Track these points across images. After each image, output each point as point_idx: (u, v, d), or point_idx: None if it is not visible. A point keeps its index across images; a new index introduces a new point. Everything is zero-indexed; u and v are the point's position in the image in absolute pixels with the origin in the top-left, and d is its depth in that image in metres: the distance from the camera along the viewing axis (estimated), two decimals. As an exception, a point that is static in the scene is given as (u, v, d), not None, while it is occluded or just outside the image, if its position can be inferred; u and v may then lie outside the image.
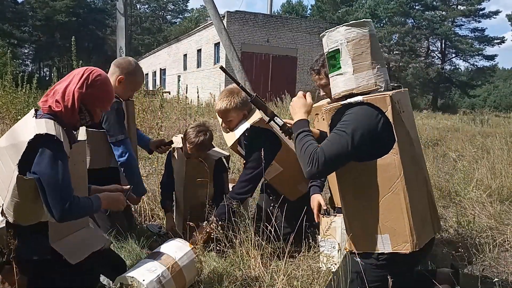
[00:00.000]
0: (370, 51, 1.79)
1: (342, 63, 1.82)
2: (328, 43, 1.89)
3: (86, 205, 1.82)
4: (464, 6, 35.32)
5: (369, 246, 1.81)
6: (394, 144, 1.71)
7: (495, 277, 2.38)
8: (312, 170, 1.75)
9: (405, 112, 1.81)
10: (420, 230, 1.75)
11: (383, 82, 1.82)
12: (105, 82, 1.94)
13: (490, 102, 41.71)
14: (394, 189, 1.72)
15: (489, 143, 6.53)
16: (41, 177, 1.69)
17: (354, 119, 1.73)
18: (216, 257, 2.47)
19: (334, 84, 1.89)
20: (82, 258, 1.89)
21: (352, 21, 1.85)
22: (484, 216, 3.34)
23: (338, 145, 1.72)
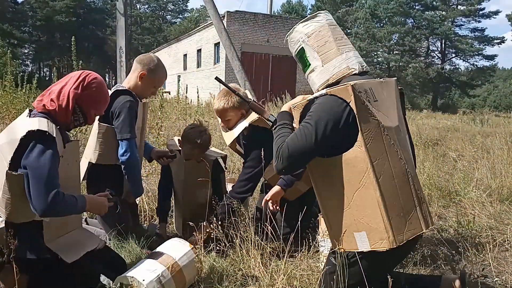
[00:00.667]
0: (333, 39, 1.75)
1: (310, 59, 1.79)
2: (291, 46, 1.86)
3: (70, 202, 1.80)
4: (464, 6, 35.33)
5: (349, 245, 1.74)
6: (358, 136, 1.63)
7: (495, 277, 2.38)
8: (278, 165, 1.72)
9: (379, 101, 1.72)
10: (398, 224, 1.65)
11: (355, 65, 1.76)
12: (101, 86, 1.97)
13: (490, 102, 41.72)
14: (364, 183, 1.64)
15: (489, 143, 6.53)
16: (28, 171, 1.70)
17: (318, 110, 1.68)
18: (216, 257, 2.47)
19: (311, 82, 1.84)
20: (77, 257, 1.90)
21: (307, 17, 1.84)
22: (484, 215, 3.34)
23: (302, 138, 1.67)
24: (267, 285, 2.09)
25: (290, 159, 1.68)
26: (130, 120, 2.51)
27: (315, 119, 1.67)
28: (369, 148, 1.64)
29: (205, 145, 2.81)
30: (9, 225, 1.81)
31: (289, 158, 1.68)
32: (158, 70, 2.71)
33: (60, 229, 1.97)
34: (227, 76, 21.61)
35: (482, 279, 2.38)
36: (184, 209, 2.90)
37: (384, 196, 1.64)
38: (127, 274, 1.95)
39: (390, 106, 1.81)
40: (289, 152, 1.68)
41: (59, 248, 1.90)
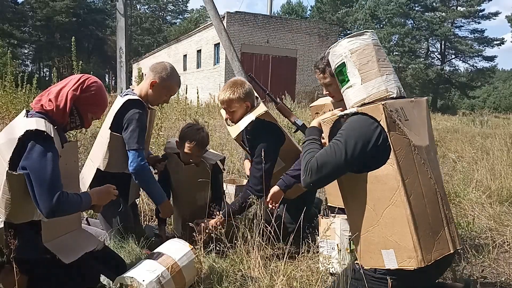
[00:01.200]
0: (376, 59, 1.77)
1: (350, 75, 1.79)
2: (333, 59, 1.87)
3: (74, 200, 1.82)
4: (464, 7, 35.40)
5: (375, 262, 1.74)
6: (390, 154, 1.65)
7: (494, 278, 2.38)
8: (306, 179, 1.74)
9: (410, 120, 1.74)
10: (427, 244, 1.65)
11: (394, 88, 1.78)
12: (100, 90, 1.99)
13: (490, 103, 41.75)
14: (394, 201, 1.65)
15: (488, 144, 6.53)
16: (29, 172, 1.71)
17: (349, 129, 1.71)
18: (216, 257, 2.47)
19: (346, 98, 1.84)
20: (76, 258, 1.90)
21: (353, 33, 1.84)
22: (483, 217, 3.34)
23: (332, 154, 1.70)
24: (266, 286, 2.09)
25: (319, 174, 1.71)
26: (139, 132, 2.52)
27: (346, 137, 1.69)
28: (401, 166, 1.65)
29: (204, 143, 2.79)
30: (8, 225, 1.81)
31: (317, 173, 1.71)
32: (171, 78, 2.70)
33: (59, 229, 1.97)
34: (227, 77, 21.61)
35: (482, 280, 2.38)
36: (183, 211, 2.90)
37: (414, 214, 1.64)
38: (127, 274, 1.95)
39: (421, 125, 1.83)
40: (318, 167, 1.70)
41: (58, 248, 1.90)
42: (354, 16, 39.38)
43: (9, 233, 1.71)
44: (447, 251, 1.70)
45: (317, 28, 24.53)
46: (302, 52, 23.55)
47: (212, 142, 6.05)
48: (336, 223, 2.36)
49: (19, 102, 7.21)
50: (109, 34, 51.07)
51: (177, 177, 2.84)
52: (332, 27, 26.17)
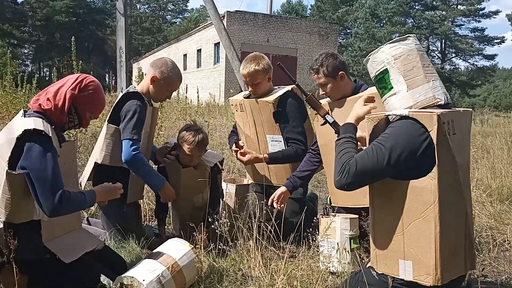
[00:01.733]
0: (421, 65, 1.69)
1: (393, 83, 1.71)
2: (373, 66, 1.79)
3: (77, 198, 1.83)
4: (464, 6, 35.34)
5: (390, 269, 1.70)
6: (433, 168, 1.57)
7: (495, 277, 2.38)
8: (341, 180, 1.65)
9: (457, 134, 1.66)
10: (448, 264, 1.62)
11: (442, 95, 1.70)
12: (98, 89, 2.00)
13: (490, 101, 41.71)
14: (425, 215, 1.59)
15: (489, 142, 6.53)
16: (30, 172, 1.71)
17: (396, 134, 1.61)
18: (216, 256, 2.47)
19: (389, 106, 1.75)
20: (76, 257, 1.90)
21: (395, 38, 1.80)
22: (484, 215, 3.34)
23: (374, 158, 1.61)
24: (267, 285, 2.09)
25: (356, 177, 1.62)
26: (135, 122, 2.49)
27: (391, 143, 1.60)
28: (441, 182, 1.58)
29: (203, 144, 2.77)
30: (7, 225, 1.81)
31: (355, 176, 1.62)
32: (171, 73, 2.67)
33: (59, 229, 1.97)
34: (227, 76, 21.61)
35: (482, 279, 2.38)
36: (181, 212, 2.89)
37: (442, 233, 1.59)
38: (127, 274, 1.95)
39: (465, 141, 1.78)
40: (357, 170, 1.61)
41: (57, 247, 1.90)
42: (354, 15, 39.33)
43: (9, 233, 1.72)
44: (462, 272, 1.69)
45: (317, 27, 24.51)
46: (302, 51, 23.53)
47: (212, 141, 6.05)
48: (337, 222, 2.36)
49: (19, 102, 7.21)
50: (109, 34, 51.05)
51: (176, 179, 2.79)
52: (332, 26, 26.15)
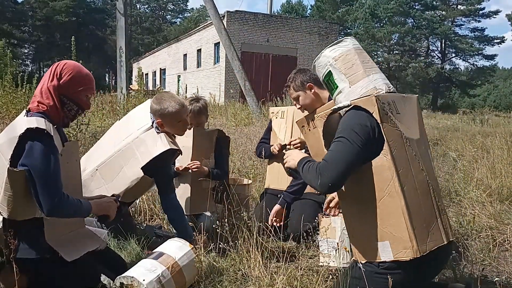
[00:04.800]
0: (359, 61, 1.81)
1: (338, 82, 1.83)
2: (319, 70, 1.91)
3: (75, 203, 1.85)
4: (464, 5, 35.36)
5: (370, 255, 1.74)
6: (384, 145, 1.67)
7: (495, 277, 2.38)
8: (323, 181, 1.67)
9: (401, 114, 1.78)
10: (422, 234, 1.66)
11: (382, 85, 1.80)
12: (75, 68, 1.94)
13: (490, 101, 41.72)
14: (388, 191, 1.66)
15: (489, 142, 6.52)
16: (31, 170, 1.72)
17: (347, 124, 1.72)
18: (216, 256, 2.47)
19: (337, 103, 1.86)
20: (78, 256, 1.91)
21: (334, 42, 1.90)
22: (484, 215, 3.34)
23: (339, 150, 1.68)
24: (267, 285, 2.09)
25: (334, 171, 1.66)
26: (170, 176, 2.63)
27: (347, 131, 1.69)
28: (394, 157, 1.66)
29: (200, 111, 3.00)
30: (9, 224, 1.82)
31: (331, 170, 1.66)
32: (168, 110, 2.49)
33: (62, 227, 1.97)
34: (227, 76, 21.61)
35: (483, 279, 2.38)
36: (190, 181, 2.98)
37: (408, 205, 1.65)
38: (127, 274, 1.95)
39: (412, 119, 1.86)
40: (330, 164, 1.67)
41: (60, 245, 1.90)
42: (354, 15, 39.34)
43: (9, 233, 1.72)
44: (441, 242, 1.72)
45: (317, 27, 24.51)
46: (302, 51, 23.53)
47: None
48: (337, 222, 2.36)
49: (19, 102, 7.22)
50: (109, 34, 51.04)
51: (187, 140, 2.96)
52: (332, 26, 26.16)
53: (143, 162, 2.45)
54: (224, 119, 11.10)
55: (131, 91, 13.62)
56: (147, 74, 36.48)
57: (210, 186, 2.97)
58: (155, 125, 2.50)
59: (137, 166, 2.48)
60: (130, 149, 2.55)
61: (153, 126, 2.52)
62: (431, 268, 1.78)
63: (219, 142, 3.09)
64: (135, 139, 2.54)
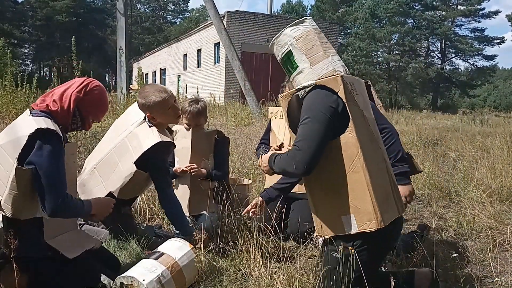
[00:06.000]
0: (319, 43, 1.84)
1: (298, 61, 1.85)
2: (278, 49, 1.91)
3: (77, 205, 1.88)
4: (464, 6, 35.36)
5: (336, 228, 1.79)
6: (350, 122, 1.71)
7: (495, 277, 2.38)
8: (298, 166, 1.69)
9: (359, 95, 1.85)
10: (383, 206, 1.74)
11: (340, 68, 1.84)
12: (103, 93, 2.04)
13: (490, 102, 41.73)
14: (354, 167, 1.72)
15: (489, 143, 6.53)
16: (39, 170, 1.74)
17: (312, 103, 1.74)
18: (216, 256, 2.47)
19: (297, 83, 1.88)
20: (78, 253, 1.94)
21: (295, 21, 1.90)
22: (484, 216, 3.34)
23: (307, 131, 1.70)
24: (267, 285, 2.09)
25: (307, 152, 1.68)
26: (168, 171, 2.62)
27: (313, 112, 1.72)
28: (358, 134, 1.72)
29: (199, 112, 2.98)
30: (9, 223, 1.82)
31: (305, 152, 1.68)
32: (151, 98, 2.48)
33: (57, 228, 1.99)
34: (227, 76, 21.61)
35: (482, 279, 2.38)
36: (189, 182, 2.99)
37: (372, 179, 1.72)
38: (128, 274, 1.95)
39: (366, 102, 1.95)
40: (302, 148, 1.69)
41: (60, 245, 1.92)
42: (354, 15, 39.33)
43: (9, 233, 1.72)
44: (397, 214, 1.82)
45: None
46: (302, 51, 23.50)
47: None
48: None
49: (19, 102, 7.22)
50: (109, 34, 51.05)
51: (186, 141, 2.97)
52: (332, 26, 26.17)
53: (135, 156, 2.45)
54: (224, 119, 11.10)
55: (131, 91, 13.61)
56: (147, 74, 36.49)
57: (210, 187, 2.97)
58: (147, 119, 2.51)
59: (130, 161, 2.47)
60: (124, 145, 2.55)
61: (145, 120, 2.53)
62: (390, 239, 1.85)
63: (218, 143, 3.09)
64: (128, 134, 2.56)
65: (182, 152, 3.02)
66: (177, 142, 3.06)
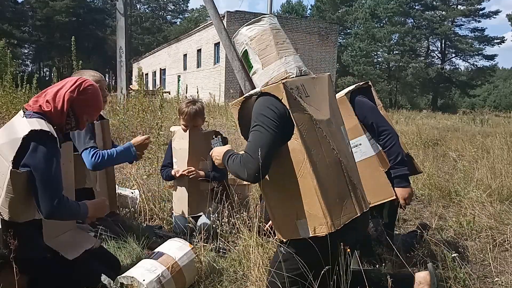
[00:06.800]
0: (274, 43, 1.84)
1: (252, 62, 1.88)
2: (238, 48, 1.94)
3: (74, 207, 1.87)
4: (464, 6, 35.35)
5: (291, 233, 1.81)
6: (294, 129, 1.72)
7: (495, 277, 2.38)
8: (249, 172, 1.71)
9: (311, 96, 1.83)
10: (335, 210, 1.75)
11: (294, 69, 1.84)
12: (96, 93, 2.01)
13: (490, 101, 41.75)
14: (301, 173, 1.73)
15: (489, 142, 6.53)
16: (34, 172, 1.73)
17: (258, 110, 1.76)
18: (216, 256, 2.47)
19: (254, 83, 1.91)
20: (78, 254, 1.93)
21: (252, 20, 1.89)
22: (484, 216, 3.34)
23: (256, 138, 1.72)
24: (267, 285, 2.09)
25: (257, 160, 1.69)
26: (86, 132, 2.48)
27: (260, 118, 1.73)
28: (305, 139, 1.73)
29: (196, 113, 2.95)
30: (8, 225, 1.81)
31: (255, 159, 1.69)
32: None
33: (58, 228, 1.99)
34: (227, 76, 21.61)
35: (482, 279, 2.38)
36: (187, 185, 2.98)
37: (320, 184, 1.73)
38: (127, 274, 1.95)
39: (322, 100, 1.91)
40: (252, 154, 1.70)
41: (59, 246, 1.91)
42: (354, 15, 39.34)
43: (9, 233, 1.72)
44: (354, 214, 1.81)
45: (317, 27, 24.51)
46: (302, 51, 23.52)
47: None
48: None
49: (19, 102, 7.22)
50: (109, 34, 51.07)
51: (183, 144, 2.96)
52: (332, 26, 26.17)
53: None
54: (224, 119, 11.09)
55: (131, 91, 13.61)
56: (147, 74, 36.48)
57: (209, 188, 2.97)
58: None
59: None
60: None
61: None
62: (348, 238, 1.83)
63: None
64: None
65: (180, 153, 3.02)
66: (174, 143, 3.06)
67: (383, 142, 2.41)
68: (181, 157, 3.01)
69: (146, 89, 20.02)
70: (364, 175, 2.27)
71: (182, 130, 3.02)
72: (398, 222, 3.37)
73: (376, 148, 2.42)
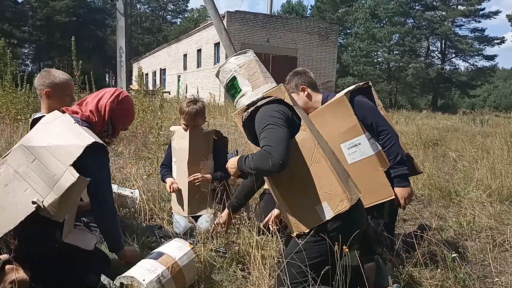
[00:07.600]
0: (260, 71, 2.07)
1: (241, 85, 2.05)
2: (224, 75, 2.11)
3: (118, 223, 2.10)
4: (464, 6, 35.35)
5: (313, 220, 1.88)
6: (301, 122, 1.90)
7: (495, 277, 2.38)
8: (274, 160, 1.75)
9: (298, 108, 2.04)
10: (348, 187, 1.90)
11: None
12: (132, 103, 2.23)
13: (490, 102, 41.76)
14: (315, 158, 1.87)
15: (489, 143, 6.53)
16: (96, 181, 1.89)
17: (264, 114, 1.88)
18: (216, 256, 2.47)
19: (240, 106, 2.04)
20: (95, 242, 2.09)
21: (238, 52, 2.12)
22: (484, 216, 3.34)
23: (273, 132, 1.80)
24: (267, 285, 2.09)
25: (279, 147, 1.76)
26: None
27: (268, 119, 1.84)
28: (311, 130, 1.91)
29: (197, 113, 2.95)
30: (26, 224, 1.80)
31: (276, 148, 1.75)
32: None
33: (69, 228, 2.03)
34: (227, 76, 21.58)
35: (482, 279, 2.38)
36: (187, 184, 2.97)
37: (332, 165, 1.88)
38: (127, 274, 1.95)
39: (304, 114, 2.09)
40: (273, 144, 1.76)
41: (76, 240, 1.97)
42: (354, 15, 39.35)
43: (9, 233, 1.72)
44: (359, 194, 1.98)
45: (317, 27, 24.51)
46: (302, 51, 23.54)
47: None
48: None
49: (19, 102, 7.20)
50: (109, 34, 51.06)
51: (183, 144, 2.97)
52: (332, 26, 26.17)
53: None
54: (224, 119, 11.09)
55: (131, 91, 13.60)
56: (147, 74, 36.49)
57: (210, 188, 2.97)
58: None
59: None
60: None
61: None
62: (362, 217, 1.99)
63: (217, 143, 3.09)
64: None
65: (180, 153, 3.02)
66: (175, 142, 3.06)
67: (382, 142, 2.41)
68: (181, 157, 3.01)
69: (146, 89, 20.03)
70: (363, 175, 2.29)
71: (182, 129, 3.02)
72: (398, 222, 3.37)
73: (376, 147, 2.42)
